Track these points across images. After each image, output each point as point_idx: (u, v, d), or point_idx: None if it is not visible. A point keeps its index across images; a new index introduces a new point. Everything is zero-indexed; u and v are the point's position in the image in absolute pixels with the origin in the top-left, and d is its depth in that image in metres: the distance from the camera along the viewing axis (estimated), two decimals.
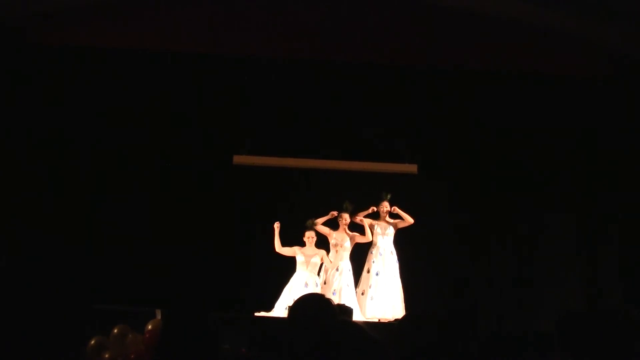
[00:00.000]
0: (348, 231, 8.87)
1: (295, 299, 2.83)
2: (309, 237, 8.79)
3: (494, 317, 10.16)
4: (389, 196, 9.02)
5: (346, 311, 7.41)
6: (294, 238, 8.95)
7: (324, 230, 8.87)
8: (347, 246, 8.82)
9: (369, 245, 8.95)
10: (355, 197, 10.17)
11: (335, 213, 8.94)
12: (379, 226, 8.94)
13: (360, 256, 8.99)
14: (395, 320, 8.56)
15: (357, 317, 8.24)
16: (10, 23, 9.18)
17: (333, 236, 8.83)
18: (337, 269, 8.68)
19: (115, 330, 6.45)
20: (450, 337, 2.27)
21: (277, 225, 8.83)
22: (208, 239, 10.06)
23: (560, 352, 2.24)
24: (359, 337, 1.64)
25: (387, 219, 9.00)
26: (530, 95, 10.07)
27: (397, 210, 8.93)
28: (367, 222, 8.88)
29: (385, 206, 8.96)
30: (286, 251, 8.82)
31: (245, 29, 9.37)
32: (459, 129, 10.24)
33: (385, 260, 8.81)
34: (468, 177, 10.38)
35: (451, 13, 9.29)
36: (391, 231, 8.95)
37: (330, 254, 8.80)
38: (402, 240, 9.52)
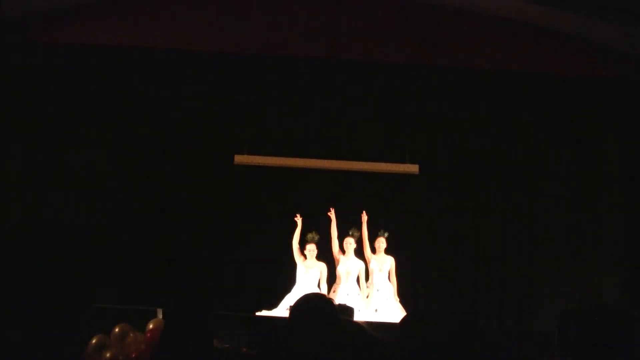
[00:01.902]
0: (355, 257, 8.82)
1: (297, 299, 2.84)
2: (310, 250, 8.77)
3: (494, 316, 10.18)
4: (386, 234, 8.97)
5: (347, 311, 7.42)
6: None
7: (335, 255, 8.80)
8: (355, 273, 8.77)
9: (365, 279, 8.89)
10: (356, 196, 10.20)
11: (331, 211, 8.92)
12: (376, 261, 8.85)
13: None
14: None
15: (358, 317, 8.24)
16: (14, 20, 9.18)
17: (344, 263, 8.78)
18: (347, 294, 8.64)
19: (117, 329, 6.46)
20: (451, 336, 2.28)
21: (298, 219, 8.86)
22: (209, 238, 10.07)
23: (560, 350, 2.25)
24: (360, 336, 1.65)
25: (384, 254, 8.90)
26: (531, 94, 10.07)
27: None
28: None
29: (381, 242, 8.88)
30: (295, 251, 8.83)
31: (246, 28, 9.38)
32: (461, 128, 10.24)
33: (382, 297, 8.75)
34: (469, 176, 10.39)
35: (453, 12, 9.29)
36: (387, 267, 8.83)
37: (337, 281, 8.76)
38: (402, 238, 9.55)
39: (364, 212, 8.94)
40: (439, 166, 10.22)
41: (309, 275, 8.71)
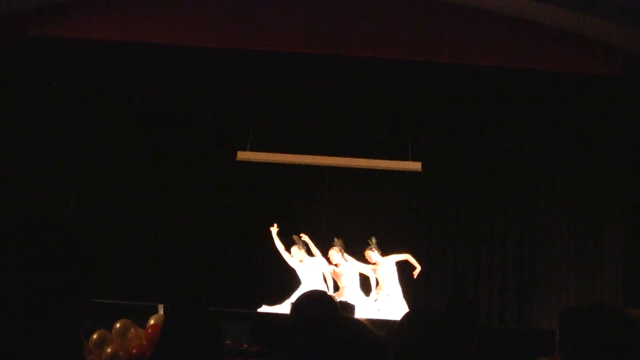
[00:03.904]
0: (345, 260, 8.73)
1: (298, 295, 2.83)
2: (296, 251, 8.71)
3: (495, 314, 10.18)
4: (374, 239, 8.85)
5: (348, 307, 7.42)
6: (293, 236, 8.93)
7: (331, 272, 8.72)
8: (353, 274, 8.73)
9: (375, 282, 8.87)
10: (356, 194, 10.20)
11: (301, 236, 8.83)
12: (379, 269, 8.76)
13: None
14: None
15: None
16: (12, 16, 9.16)
17: (338, 272, 8.72)
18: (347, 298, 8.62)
19: (118, 325, 6.47)
20: (450, 333, 2.27)
21: (274, 229, 8.79)
22: (211, 234, 10.07)
23: (560, 349, 2.24)
24: (361, 333, 1.64)
25: (381, 258, 8.79)
26: (534, 92, 10.02)
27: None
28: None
29: (369, 254, 8.78)
30: (286, 257, 8.77)
31: (249, 24, 9.35)
32: (463, 126, 10.22)
33: (389, 300, 8.67)
34: (471, 174, 10.38)
35: (455, 9, 9.26)
36: (391, 268, 8.76)
37: (340, 291, 8.69)
38: (403, 237, 9.53)
39: (335, 248, 8.76)
40: (441, 164, 10.20)
41: (310, 272, 8.66)
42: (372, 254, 8.76)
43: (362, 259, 8.84)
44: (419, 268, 8.80)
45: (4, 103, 9.59)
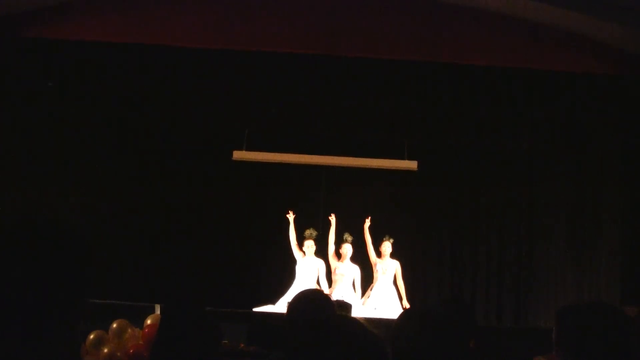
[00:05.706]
0: (351, 262, 8.85)
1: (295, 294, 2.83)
2: (308, 246, 8.75)
3: (493, 314, 10.18)
4: (391, 240, 8.98)
5: (345, 307, 7.41)
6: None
7: (331, 264, 8.84)
8: (351, 277, 8.80)
9: (369, 281, 8.93)
10: (355, 194, 10.19)
11: (332, 216, 8.95)
12: (381, 265, 8.88)
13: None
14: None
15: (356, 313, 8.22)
16: (8, 16, 9.14)
17: (339, 267, 8.79)
18: (341, 296, 8.62)
19: (115, 325, 6.46)
20: (448, 333, 2.27)
21: (290, 216, 8.87)
22: (207, 234, 10.07)
23: (558, 347, 2.25)
24: (357, 332, 1.64)
25: (389, 258, 8.94)
26: (532, 91, 10.03)
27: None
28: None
29: (387, 246, 8.92)
30: (293, 247, 8.81)
31: (245, 24, 9.34)
32: (460, 125, 10.22)
33: (384, 298, 8.77)
34: (468, 173, 10.39)
35: (453, 8, 9.25)
36: (392, 270, 8.88)
37: (333, 284, 8.76)
38: (401, 237, 9.52)
39: (369, 217, 8.95)
40: (437, 163, 10.21)
41: (307, 272, 8.69)
42: (387, 247, 8.89)
43: (360, 259, 8.90)
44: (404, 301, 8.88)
45: (2, 104, 9.58)
